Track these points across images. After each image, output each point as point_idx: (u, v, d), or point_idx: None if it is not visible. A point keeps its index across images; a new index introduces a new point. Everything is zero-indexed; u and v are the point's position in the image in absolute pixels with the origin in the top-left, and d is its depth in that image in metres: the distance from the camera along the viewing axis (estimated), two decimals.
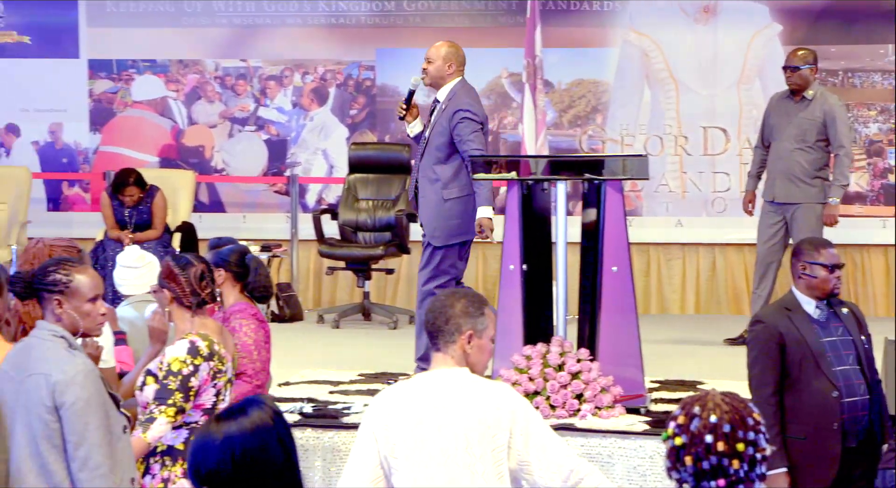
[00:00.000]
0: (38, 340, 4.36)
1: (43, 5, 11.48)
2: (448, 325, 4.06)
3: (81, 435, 4.21)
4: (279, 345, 8.00)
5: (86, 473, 4.21)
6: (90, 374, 4.28)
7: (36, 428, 4.23)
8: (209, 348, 4.84)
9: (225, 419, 2.88)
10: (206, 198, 11.53)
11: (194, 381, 4.79)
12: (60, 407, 4.22)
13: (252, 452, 2.83)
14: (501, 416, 3.98)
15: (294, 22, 11.38)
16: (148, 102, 11.61)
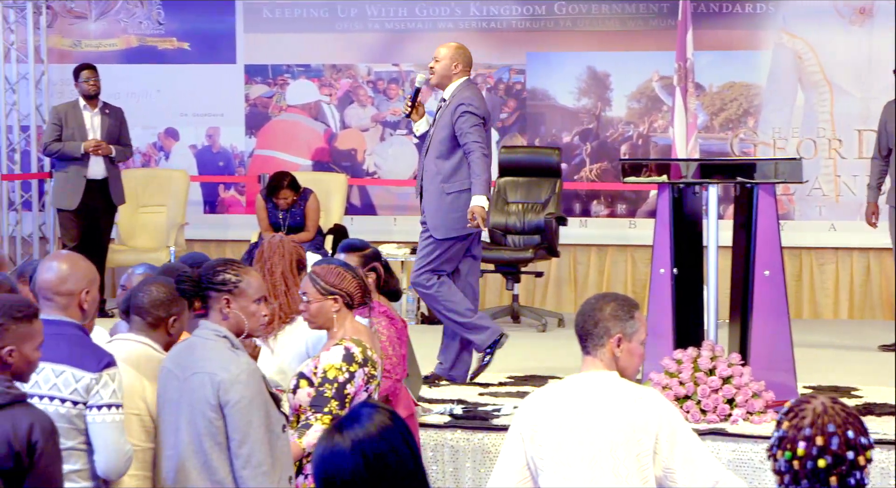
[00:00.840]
0: (201, 340, 4.45)
1: (202, 12, 11.73)
2: (597, 329, 4.06)
3: (244, 433, 4.30)
4: (429, 346, 8.08)
5: (248, 471, 4.30)
6: (253, 374, 4.37)
7: (200, 425, 4.33)
8: (363, 354, 4.87)
9: (347, 426, 2.86)
10: (358, 201, 11.67)
11: (350, 389, 4.83)
12: (225, 406, 4.31)
13: (383, 455, 2.82)
14: (648, 422, 3.97)
15: (445, 26, 11.47)
16: (302, 106, 11.79)
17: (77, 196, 10.20)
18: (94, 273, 4.60)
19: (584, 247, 11.29)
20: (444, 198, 7.73)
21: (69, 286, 4.46)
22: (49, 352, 4.24)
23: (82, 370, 4.36)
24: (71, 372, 4.36)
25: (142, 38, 11.86)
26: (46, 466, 3.91)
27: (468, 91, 7.81)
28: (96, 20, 11.90)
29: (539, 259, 10.36)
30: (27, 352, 4.01)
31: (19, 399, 3.95)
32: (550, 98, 11.45)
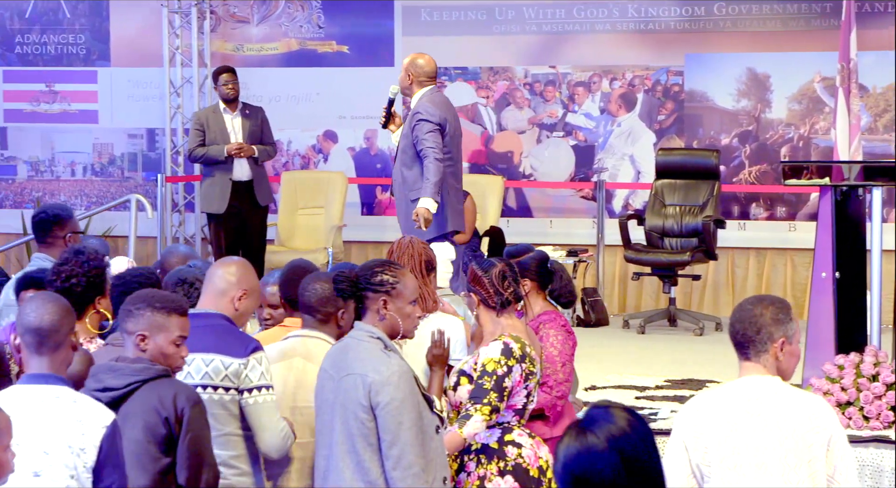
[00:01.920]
0: (355, 341, 4.50)
1: (361, 16, 11.85)
2: (760, 335, 4.01)
3: (395, 434, 4.34)
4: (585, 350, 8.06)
5: (399, 471, 4.33)
6: (405, 375, 4.41)
7: (352, 426, 4.38)
8: (521, 350, 4.91)
9: (596, 424, 2.83)
10: (514, 203, 11.68)
11: (508, 382, 4.86)
12: (376, 407, 4.35)
13: (639, 451, 2.80)
14: (820, 428, 3.92)
15: (603, 27, 11.43)
16: (459, 109, 11.80)
17: (224, 200, 10.27)
18: (253, 283, 4.78)
19: (742, 251, 11.16)
20: (409, 205, 8.06)
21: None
22: (198, 342, 4.46)
23: (230, 357, 4.55)
24: (220, 360, 4.56)
25: (302, 42, 12.02)
26: (196, 431, 4.13)
27: (426, 99, 8.13)
28: (258, 24, 12.10)
29: (696, 262, 10.26)
30: (160, 342, 4.19)
31: (163, 373, 4.18)
32: (709, 100, 11.33)
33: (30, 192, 12.47)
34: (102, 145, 12.39)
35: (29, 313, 3.96)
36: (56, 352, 3.93)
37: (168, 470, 4.14)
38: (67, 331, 3.94)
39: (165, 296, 4.32)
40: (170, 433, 4.12)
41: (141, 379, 4.16)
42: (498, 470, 4.88)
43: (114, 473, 3.81)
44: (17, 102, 12.47)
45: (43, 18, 12.39)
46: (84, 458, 3.79)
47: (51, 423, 3.82)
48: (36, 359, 3.93)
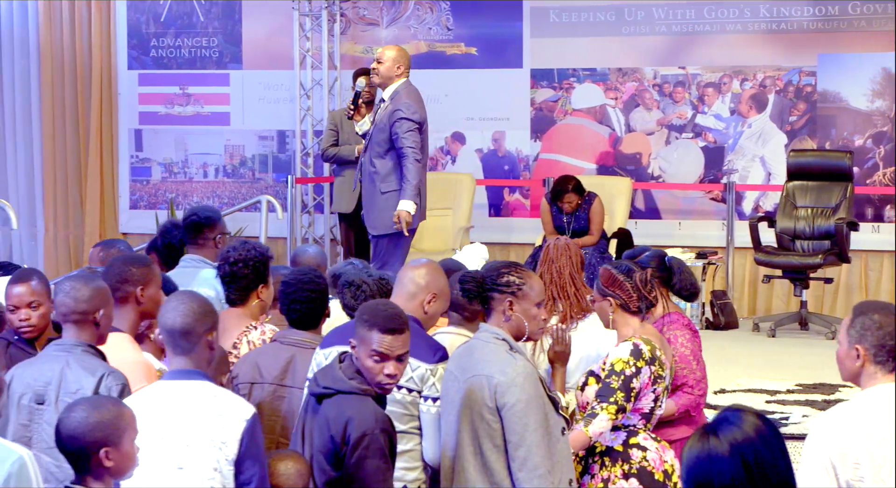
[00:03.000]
0: (480, 342, 4.51)
1: (490, 18, 11.86)
2: None
3: (521, 435, 4.33)
4: (714, 353, 7.99)
5: (525, 473, 4.33)
6: (530, 376, 4.40)
7: (478, 427, 4.38)
8: (651, 352, 4.88)
9: (720, 429, 2.80)
10: (643, 205, 11.61)
11: (636, 383, 4.83)
12: (501, 408, 4.35)
13: (764, 459, 2.76)
14: None
15: (734, 28, 11.31)
16: (587, 110, 11.80)
17: (353, 200, 10.35)
18: (442, 286, 4.80)
19: (876, 254, 10.96)
20: (379, 196, 8.20)
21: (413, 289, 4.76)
22: None
23: (419, 360, 4.59)
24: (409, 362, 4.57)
25: (431, 44, 12.07)
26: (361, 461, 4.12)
27: (406, 95, 8.20)
28: (387, 26, 12.18)
29: (829, 265, 10.11)
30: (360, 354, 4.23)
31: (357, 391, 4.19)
32: (842, 100, 11.15)
33: (163, 193, 12.69)
34: (234, 147, 12.57)
35: (166, 313, 4.05)
36: (192, 351, 4.01)
37: (334, 483, 4.18)
38: (203, 332, 4.01)
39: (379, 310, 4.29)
40: (336, 452, 4.15)
41: (336, 389, 4.21)
42: (622, 473, 4.85)
43: (254, 466, 3.89)
44: (151, 105, 12.70)
45: (177, 22, 12.60)
46: (226, 451, 3.86)
47: (193, 417, 3.90)
48: (175, 357, 4.02)
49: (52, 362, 4.43)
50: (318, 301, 5.07)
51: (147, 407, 3.96)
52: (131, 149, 12.76)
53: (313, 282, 5.08)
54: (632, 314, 4.97)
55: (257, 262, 5.41)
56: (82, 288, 4.47)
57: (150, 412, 3.95)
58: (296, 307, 5.04)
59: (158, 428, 3.89)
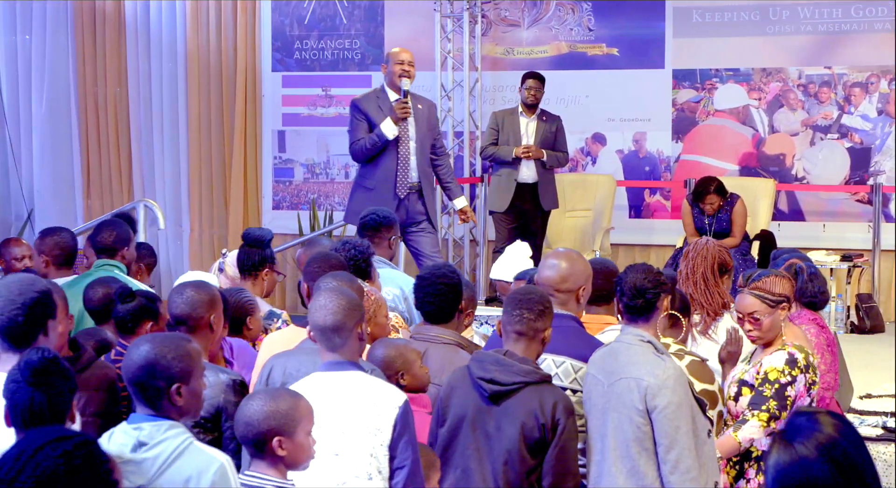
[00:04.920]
0: (624, 345, 4.51)
1: (632, 18, 11.80)
2: None
3: (672, 438, 4.32)
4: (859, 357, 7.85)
5: (676, 476, 4.32)
6: (680, 378, 4.39)
7: (627, 430, 4.38)
8: (805, 360, 4.84)
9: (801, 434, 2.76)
10: (786, 207, 11.45)
11: (790, 391, 4.79)
12: (652, 411, 4.35)
13: (851, 456, 2.73)
14: None
15: (882, 27, 11.10)
16: (729, 111, 11.67)
17: (507, 199, 10.51)
18: (589, 271, 4.92)
19: None
20: (434, 194, 8.58)
21: (568, 284, 4.84)
22: (552, 343, 4.62)
23: (580, 361, 4.68)
24: (570, 363, 4.69)
25: (572, 45, 12.04)
26: (566, 441, 4.34)
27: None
28: (528, 27, 12.18)
29: None
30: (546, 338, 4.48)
31: (546, 379, 4.41)
32: None
33: (305, 194, 12.83)
34: None
35: (315, 311, 4.15)
36: (344, 346, 4.11)
37: (533, 471, 4.34)
38: (353, 326, 4.11)
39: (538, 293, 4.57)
40: (543, 437, 4.31)
41: (526, 382, 4.35)
42: None
43: (407, 449, 3.99)
44: (295, 107, 12.85)
45: (321, 24, 12.73)
46: (381, 437, 3.97)
47: (348, 406, 4.00)
48: (328, 352, 4.11)
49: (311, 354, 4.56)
50: (451, 295, 5.12)
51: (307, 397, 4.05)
52: (274, 151, 12.93)
53: (446, 277, 5.13)
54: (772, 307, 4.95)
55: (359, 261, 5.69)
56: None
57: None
58: (429, 300, 5.11)
59: (316, 417, 3.98)
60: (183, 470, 3.56)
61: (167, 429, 3.62)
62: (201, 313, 4.59)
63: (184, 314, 4.60)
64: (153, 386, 3.63)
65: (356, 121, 8.47)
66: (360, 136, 8.39)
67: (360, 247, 5.76)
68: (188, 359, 3.66)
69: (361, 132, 8.40)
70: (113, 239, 6.27)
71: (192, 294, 4.62)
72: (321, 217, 12.47)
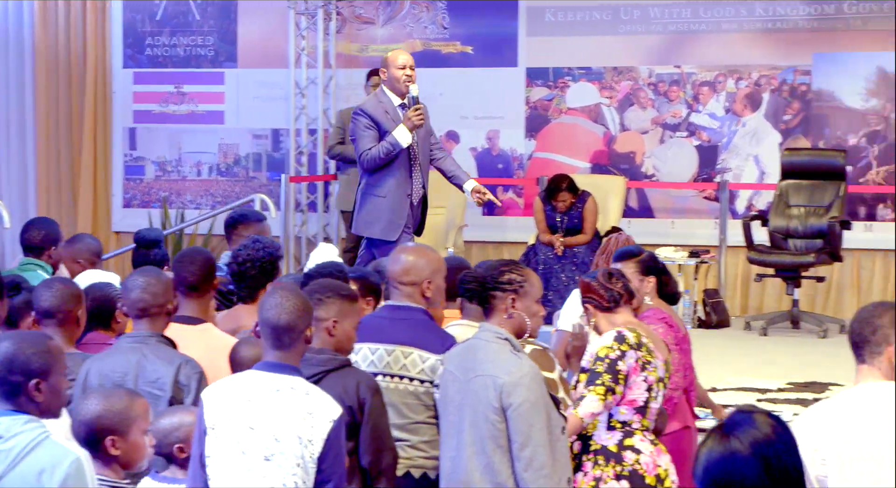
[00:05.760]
0: (482, 342, 4.52)
1: (485, 17, 11.86)
2: (875, 336, 3.91)
3: (527, 435, 4.35)
4: (706, 351, 7.99)
5: (530, 473, 4.35)
6: (536, 376, 4.42)
7: (482, 427, 4.40)
8: (637, 339, 4.87)
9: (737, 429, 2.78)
10: (636, 204, 11.61)
11: (622, 365, 4.82)
12: (507, 409, 4.37)
13: (782, 456, 2.75)
14: None
15: (729, 27, 11.31)
16: (582, 109, 11.80)
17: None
18: (439, 263, 4.95)
19: (868, 253, 10.97)
20: None
21: (411, 277, 4.87)
22: (398, 335, 4.72)
23: (428, 352, 4.73)
24: (418, 354, 4.73)
25: (426, 43, 12.07)
26: (376, 418, 4.39)
27: None
28: (383, 25, 12.18)
29: (821, 264, 10.11)
30: (347, 327, 4.45)
31: (345, 363, 4.45)
32: (837, 99, 11.16)
33: (157, 192, 12.68)
34: (228, 146, 12.57)
35: (268, 309, 4.11)
36: (292, 347, 4.08)
37: (351, 453, 4.36)
38: (303, 328, 4.10)
39: (345, 285, 4.63)
40: (353, 419, 4.35)
41: (327, 370, 4.39)
42: (614, 474, 4.83)
43: (334, 465, 3.97)
44: (146, 104, 12.69)
45: (173, 21, 12.59)
46: (311, 449, 3.93)
47: (283, 412, 3.97)
48: (273, 351, 4.09)
49: (128, 353, 4.63)
50: None
51: (240, 395, 4.03)
52: (125, 148, 12.76)
53: (333, 276, 5.12)
54: (606, 311, 4.98)
55: (265, 262, 5.60)
56: (156, 282, 4.72)
57: (242, 400, 4.01)
58: None
59: (250, 416, 3.97)
60: (36, 463, 3.55)
61: (24, 423, 3.60)
62: (70, 306, 4.64)
63: (52, 307, 4.66)
64: (11, 381, 3.62)
65: (365, 129, 8.00)
66: (370, 145, 7.95)
67: (269, 247, 5.71)
68: (48, 355, 3.66)
69: (371, 141, 7.96)
70: (41, 238, 6.26)
71: (60, 287, 4.66)
72: (172, 215, 12.33)
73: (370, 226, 7.95)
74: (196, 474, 4.01)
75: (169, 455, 4.16)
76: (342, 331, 4.46)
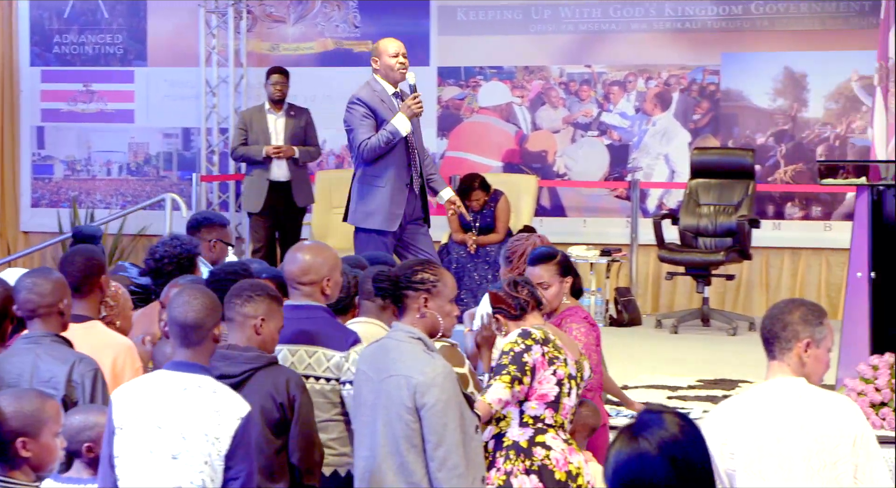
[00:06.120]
0: (395, 342, 4.51)
1: (397, 16, 11.86)
2: (786, 332, 3.97)
3: (440, 435, 4.35)
4: (618, 349, 8.05)
5: (444, 473, 4.35)
6: (449, 376, 4.42)
7: (396, 427, 4.39)
8: (543, 335, 4.91)
9: (646, 430, 2.78)
10: (548, 203, 11.67)
11: (527, 358, 4.86)
12: (421, 408, 4.36)
13: (690, 456, 2.75)
14: (845, 430, 3.86)
15: (639, 27, 11.40)
16: (493, 108, 11.84)
17: (261, 199, 10.36)
18: (336, 260, 4.94)
19: (777, 250, 11.11)
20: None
21: (310, 276, 4.85)
22: (301, 335, 4.73)
23: (332, 350, 4.75)
24: (322, 353, 4.73)
25: (338, 42, 12.05)
26: (305, 415, 4.44)
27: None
28: (294, 24, 12.13)
29: (730, 262, 10.22)
30: (272, 328, 4.47)
31: (273, 361, 4.47)
32: (745, 99, 11.29)
33: (66, 192, 12.54)
34: (138, 145, 12.45)
35: (177, 307, 4.11)
36: (200, 345, 4.08)
37: (280, 450, 4.42)
38: (211, 326, 4.10)
39: (273, 287, 4.60)
40: (283, 416, 4.41)
41: (255, 367, 4.41)
42: (524, 469, 4.87)
43: (242, 462, 3.96)
44: (54, 102, 12.55)
45: (81, 19, 12.46)
46: (218, 447, 3.94)
47: (191, 410, 3.96)
48: (181, 349, 4.08)
49: (22, 355, 4.60)
50: None
51: (148, 395, 4.03)
52: (33, 147, 12.60)
53: (236, 274, 5.10)
54: (515, 320, 5.03)
55: (182, 259, 5.61)
56: (44, 282, 4.68)
57: (150, 399, 4.01)
58: None
59: (158, 416, 3.96)
60: None
61: None
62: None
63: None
64: None
65: (363, 118, 7.84)
66: (368, 134, 7.79)
67: (186, 244, 5.70)
68: None
69: (369, 130, 7.80)
70: None
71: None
72: (82, 215, 12.19)
73: (370, 217, 7.79)
74: (106, 474, 4.00)
75: (77, 453, 4.13)
76: (268, 330, 4.47)
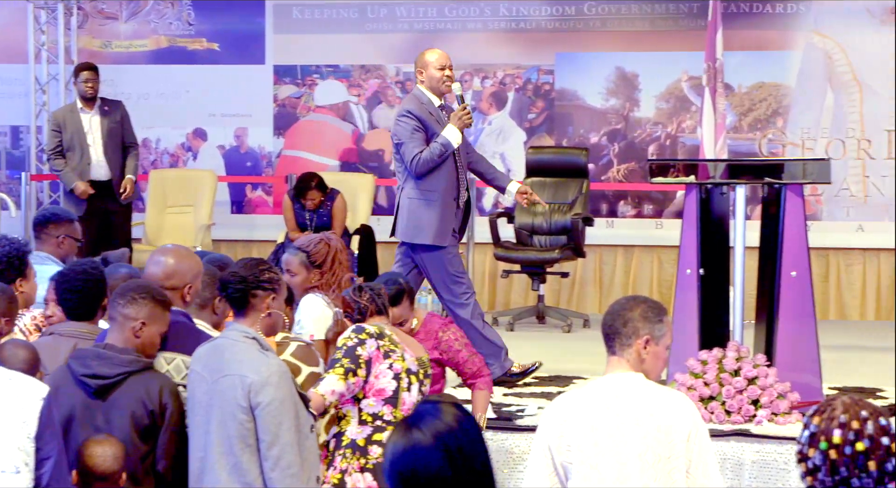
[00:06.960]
0: (229, 341, 4.49)
1: (232, 13, 11.77)
2: (626, 328, 4.03)
3: (275, 434, 4.34)
4: None
5: (277, 472, 4.34)
6: (284, 375, 4.42)
7: (230, 427, 4.37)
8: (378, 330, 4.96)
9: (421, 420, 2.78)
10: (385, 201, 11.68)
11: (361, 351, 4.91)
12: (255, 408, 4.35)
13: (464, 446, 2.76)
14: (680, 426, 3.93)
15: (475, 26, 11.48)
16: (330, 107, 11.81)
17: (82, 203, 10.13)
18: (200, 266, 4.87)
19: (610, 248, 11.28)
20: None
21: (174, 281, 4.77)
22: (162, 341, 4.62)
23: (189, 356, 4.64)
24: (181, 359, 4.63)
25: (172, 39, 11.91)
26: (175, 424, 4.41)
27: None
28: (127, 21, 11.96)
29: (565, 259, 10.34)
30: (153, 332, 4.43)
31: (149, 366, 4.44)
32: (579, 98, 11.44)
33: None
34: None
35: None
36: None
37: (146, 457, 4.39)
38: None
39: (162, 291, 4.54)
40: (153, 423, 4.38)
41: (130, 371, 4.37)
42: (359, 467, 4.89)
43: (52, 440, 3.98)
44: None
45: None
46: (27, 429, 3.94)
47: None
48: None
49: None
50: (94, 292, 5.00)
51: None
52: None
53: (87, 273, 5.01)
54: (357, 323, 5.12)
55: (13, 257, 5.49)
56: None
57: None
58: (69, 297, 4.98)
59: None
60: None
61: None
62: None
63: None
64: None
65: (414, 131, 7.59)
66: (420, 148, 7.51)
67: (16, 243, 5.61)
68: None
69: (420, 143, 7.53)
70: None
71: None
72: None
73: (421, 232, 7.56)
74: None
75: None
76: (148, 334, 4.42)
